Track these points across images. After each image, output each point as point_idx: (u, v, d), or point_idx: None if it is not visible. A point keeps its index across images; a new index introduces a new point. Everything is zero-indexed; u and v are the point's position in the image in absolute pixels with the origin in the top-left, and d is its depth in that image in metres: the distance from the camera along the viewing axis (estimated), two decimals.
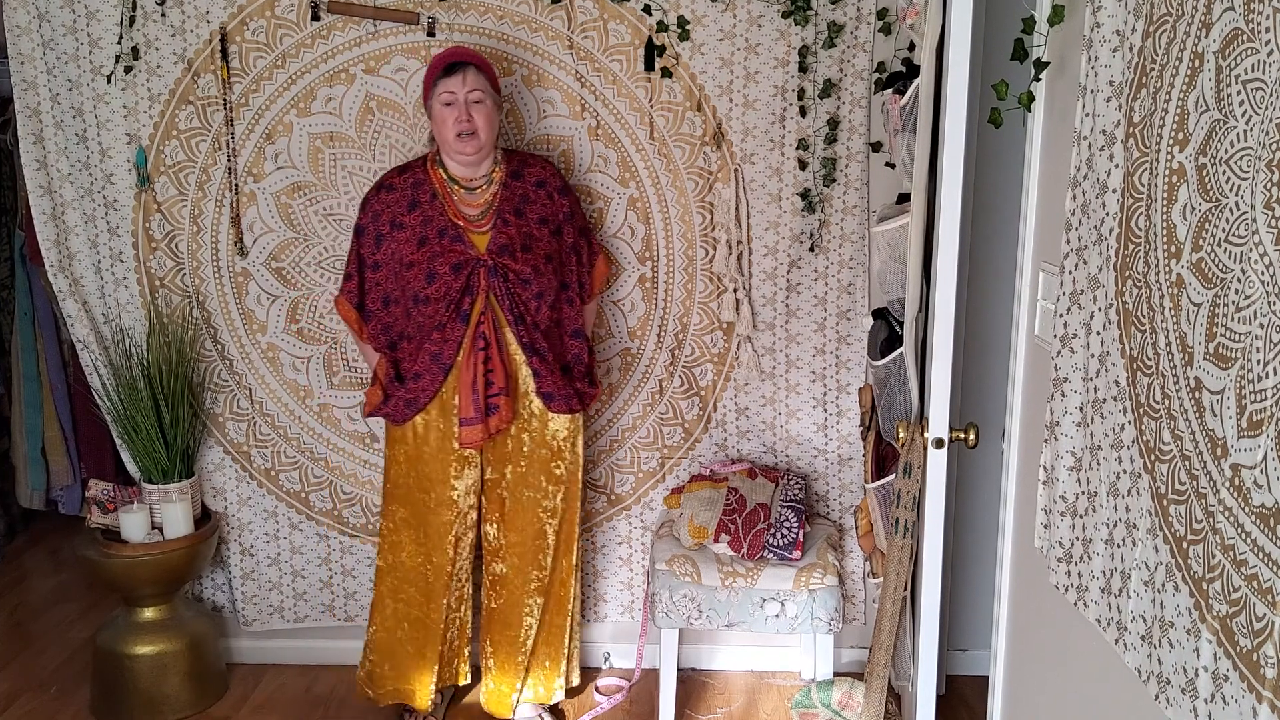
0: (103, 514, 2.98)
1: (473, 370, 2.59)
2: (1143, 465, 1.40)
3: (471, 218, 2.63)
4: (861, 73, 2.85)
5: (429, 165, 2.67)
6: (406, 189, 2.65)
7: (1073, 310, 1.67)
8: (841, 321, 3.01)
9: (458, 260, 2.58)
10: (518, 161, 2.71)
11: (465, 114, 2.54)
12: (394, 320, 2.69)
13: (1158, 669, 1.35)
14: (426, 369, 2.62)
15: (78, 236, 2.99)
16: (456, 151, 2.58)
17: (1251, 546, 1.11)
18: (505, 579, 2.83)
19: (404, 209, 2.64)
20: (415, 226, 2.62)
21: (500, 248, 2.59)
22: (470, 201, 2.64)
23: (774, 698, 3.10)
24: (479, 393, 2.60)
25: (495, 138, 2.63)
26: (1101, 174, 1.55)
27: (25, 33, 2.87)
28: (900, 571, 2.42)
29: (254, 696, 3.12)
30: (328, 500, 3.15)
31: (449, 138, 2.56)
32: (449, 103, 2.54)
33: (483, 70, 2.58)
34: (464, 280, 2.58)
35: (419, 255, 2.60)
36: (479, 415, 2.61)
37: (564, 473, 2.78)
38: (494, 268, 2.58)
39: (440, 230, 2.60)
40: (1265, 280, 1.09)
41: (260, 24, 2.88)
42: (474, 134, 2.55)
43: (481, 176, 2.65)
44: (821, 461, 3.11)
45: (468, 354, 2.60)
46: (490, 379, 2.62)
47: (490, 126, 2.58)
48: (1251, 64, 1.13)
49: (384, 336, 2.72)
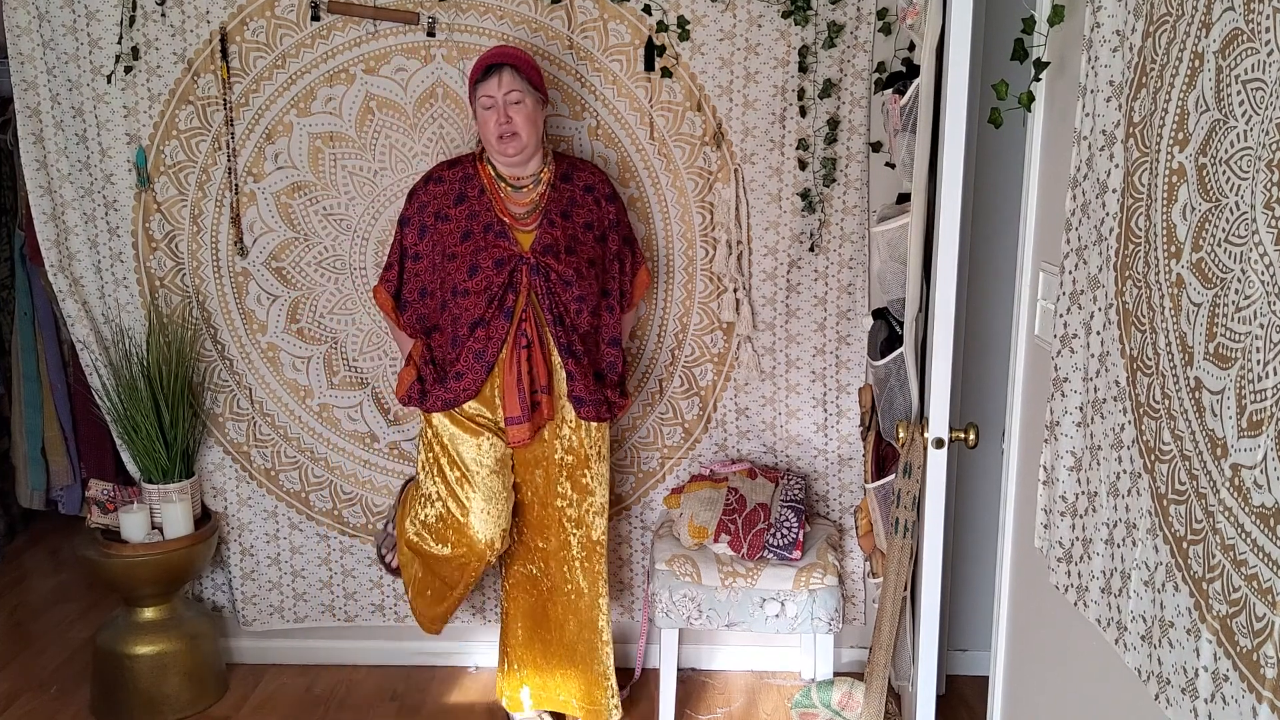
0: (103, 514, 2.98)
1: (516, 369, 2.59)
2: (1143, 465, 1.40)
3: (518, 215, 2.62)
4: (861, 73, 2.85)
5: (478, 161, 2.67)
6: (455, 182, 2.65)
7: (1073, 310, 1.67)
8: (841, 321, 3.01)
9: (501, 256, 2.57)
10: (568, 165, 2.71)
11: (504, 115, 2.53)
12: (429, 312, 2.70)
13: (1158, 669, 1.35)
14: (470, 368, 2.61)
15: (78, 236, 2.99)
16: (499, 152, 2.58)
17: (1251, 546, 1.11)
18: (535, 580, 2.83)
19: (450, 202, 2.64)
20: (461, 220, 2.62)
21: (544, 247, 2.59)
22: (517, 200, 2.63)
23: (774, 698, 3.10)
24: (524, 391, 2.60)
25: (540, 136, 2.62)
26: (1101, 174, 1.55)
27: (25, 33, 2.87)
28: (900, 571, 2.42)
29: (254, 696, 3.12)
30: (328, 500, 3.15)
31: (491, 140, 2.57)
32: (488, 106, 2.54)
33: (521, 70, 2.56)
34: (506, 276, 2.57)
35: (463, 248, 2.60)
36: (525, 413, 2.61)
37: (590, 482, 2.75)
38: (536, 266, 2.58)
39: (486, 225, 2.60)
40: (1265, 280, 1.09)
41: (260, 24, 2.88)
42: (515, 135, 2.55)
43: (529, 176, 2.64)
44: (821, 461, 3.11)
45: (510, 352, 2.60)
46: (533, 376, 2.61)
47: (531, 126, 2.57)
48: (1251, 64, 1.13)
49: (419, 326, 2.72)
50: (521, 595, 2.86)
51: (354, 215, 2.99)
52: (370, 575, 3.19)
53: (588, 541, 2.77)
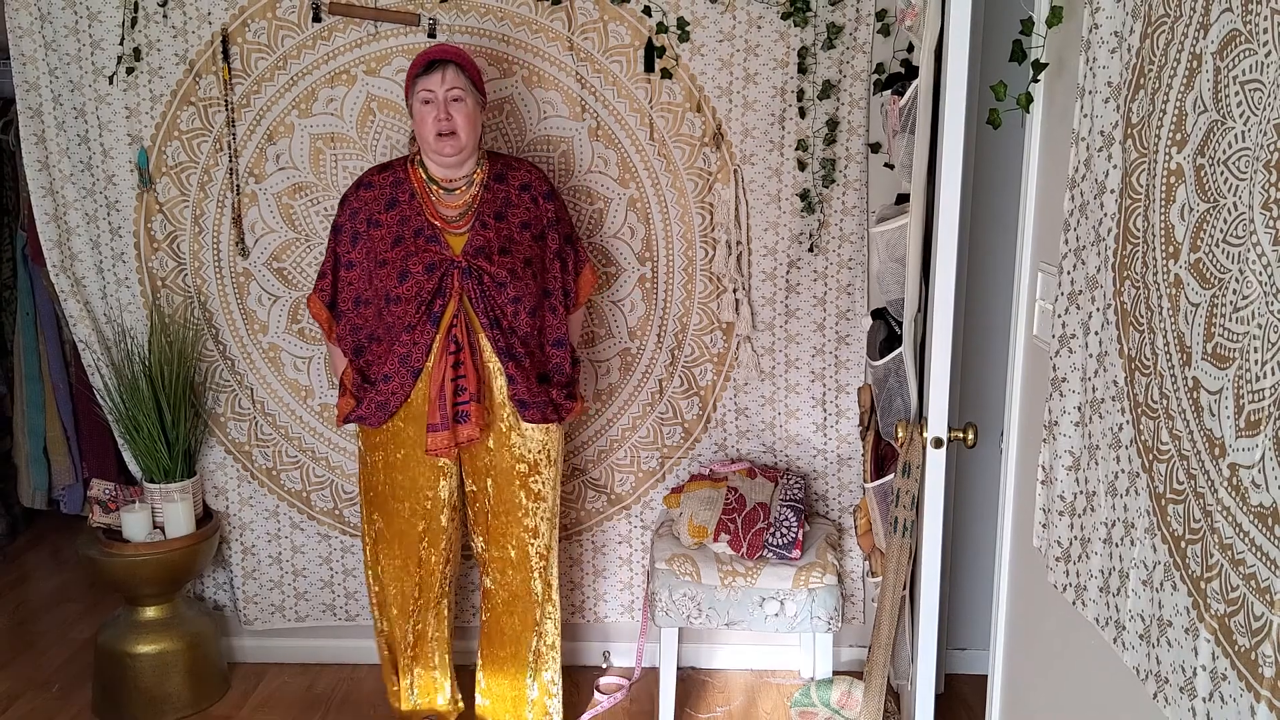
0: (104, 513, 2.98)
1: (441, 374, 2.52)
2: (1141, 465, 1.40)
3: (449, 219, 2.56)
4: (860, 74, 2.86)
5: (410, 164, 2.60)
6: (386, 187, 2.59)
7: (1071, 310, 1.67)
8: (840, 322, 3.02)
9: (431, 260, 2.50)
10: (502, 164, 2.64)
11: (444, 113, 2.47)
12: (364, 321, 2.61)
13: (1156, 668, 1.36)
14: (395, 371, 2.55)
15: (80, 237, 3.00)
16: (435, 152, 2.51)
17: (1249, 546, 1.12)
18: (491, 594, 2.76)
19: (382, 207, 2.57)
20: (392, 225, 2.55)
21: (476, 250, 2.52)
22: (449, 203, 2.56)
23: (773, 696, 3.11)
24: (446, 399, 2.52)
25: (478, 139, 2.56)
26: (1100, 174, 1.56)
27: (27, 34, 2.88)
28: (899, 571, 2.43)
29: (255, 695, 3.12)
30: (329, 500, 3.16)
31: (428, 137, 2.49)
32: (427, 100, 2.48)
33: (464, 68, 2.50)
34: (436, 281, 2.50)
35: (393, 254, 2.53)
36: (445, 422, 2.52)
37: (542, 488, 2.68)
38: (468, 270, 2.51)
39: (416, 230, 2.53)
40: (1263, 280, 1.10)
41: (261, 25, 2.88)
42: (453, 134, 2.48)
43: (462, 178, 2.57)
44: (821, 461, 3.11)
45: (438, 358, 2.53)
46: (461, 384, 2.53)
47: (471, 126, 2.50)
48: (1249, 65, 1.14)
49: (352, 338, 2.63)
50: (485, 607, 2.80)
51: None
52: None
53: (543, 549, 2.72)
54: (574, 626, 3.25)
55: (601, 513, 3.17)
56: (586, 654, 3.27)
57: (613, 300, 3.03)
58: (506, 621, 2.76)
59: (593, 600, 3.23)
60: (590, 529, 3.18)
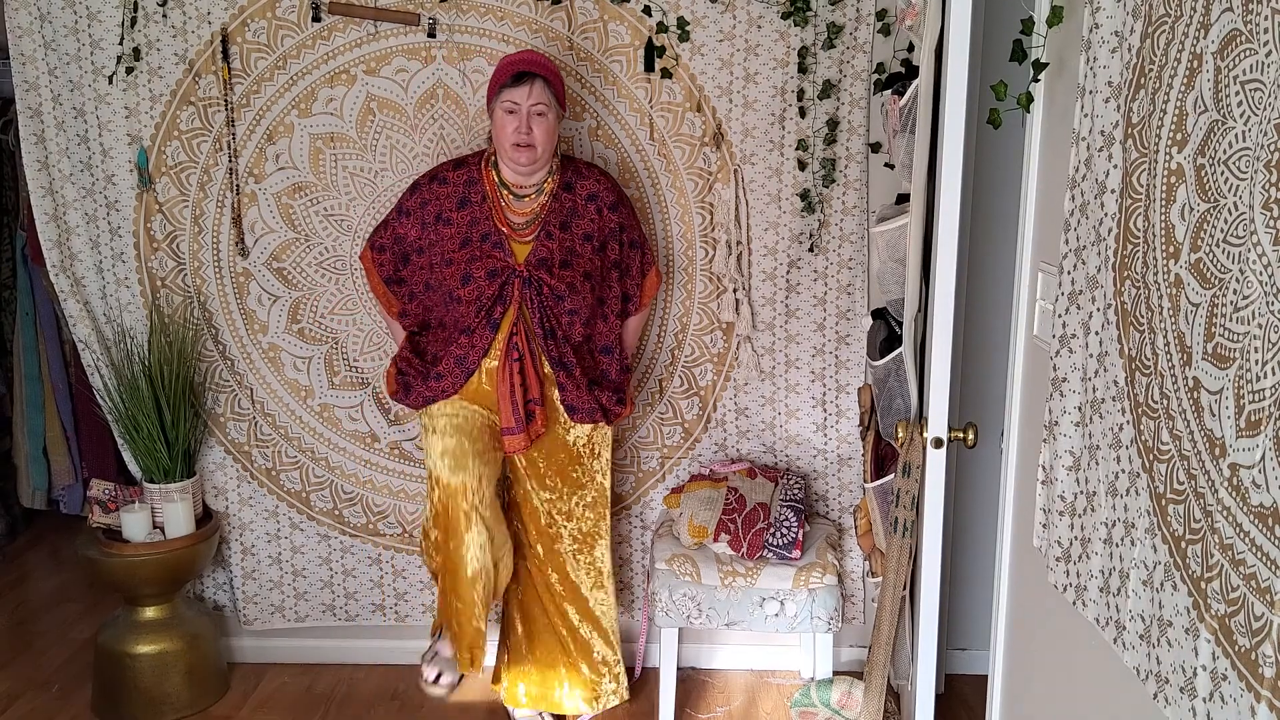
0: (104, 513, 2.98)
1: (509, 381, 2.60)
2: (1141, 465, 1.40)
3: (516, 226, 2.62)
4: (861, 74, 2.86)
5: (484, 165, 2.66)
6: (459, 185, 2.65)
7: (1071, 310, 1.67)
8: (841, 321, 3.02)
9: (494, 267, 2.58)
10: (572, 172, 2.69)
11: (526, 125, 2.52)
12: (434, 304, 2.71)
13: (1156, 668, 1.36)
14: (449, 370, 2.63)
15: (79, 237, 3.00)
16: (511, 160, 2.57)
17: (1250, 546, 1.12)
18: (530, 576, 2.86)
19: (453, 205, 2.64)
20: (462, 226, 2.62)
21: (539, 261, 2.59)
22: (518, 209, 2.63)
23: (774, 696, 3.11)
24: (518, 403, 2.61)
25: (554, 150, 2.62)
26: (1100, 174, 1.56)
27: (27, 34, 2.88)
28: (899, 571, 2.43)
29: (255, 695, 3.12)
30: (328, 500, 3.16)
31: (506, 145, 2.55)
32: (511, 110, 2.52)
33: (550, 83, 2.56)
34: (497, 288, 2.58)
35: (459, 255, 2.60)
36: (520, 425, 2.62)
37: (581, 476, 2.78)
38: (529, 279, 2.58)
39: (484, 234, 2.60)
40: (1263, 280, 1.10)
41: (261, 25, 2.88)
42: (531, 146, 2.54)
43: (533, 185, 2.63)
44: (821, 461, 3.11)
45: (502, 363, 2.61)
46: (525, 388, 2.63)
47: (549, 140, 2.57)
48: (1250, 65, 1.14)
49: (422, 316, 2.74)
50: (524, 591, 2.89)
51: (355, 216, 2.99)
52: (370, 575, 3.20)
53: (579, 534, 2.81)
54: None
55: None
56: None
57: None
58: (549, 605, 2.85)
59: None
60: None
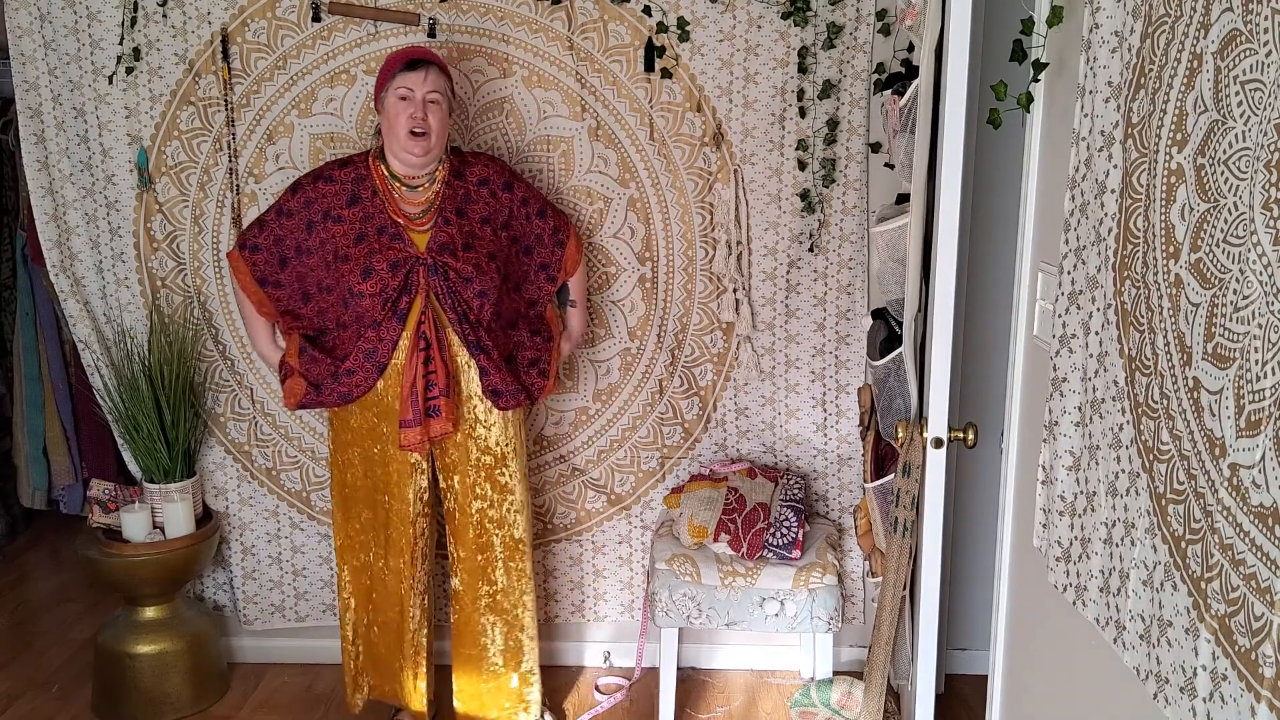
0: (104, 513, 2.98)
1: (413, 371, 2.55)
2: (1141, 465, 1.40)
3: (412, 215, 2.59)
4: (861, 74, 2.86)
5: (371, 160, 2.63)
6: (347, 183, 2.61)
7: (1071, 310, 1.67)
8: (841, 321, 3.02)
9: (396, 258, 2.53)
10: (460, 160, 2.68)
11: (421, 112, 2.50)
12: (329, 306, 2.65)
13: (1156, 668, 1.36)
14: (360, 365, 2.57)
15: (79, 237, 3.00)
16: (404, 150, 2.53)
17: (1250, 546, 1.12)
18: (459, 595, 2.79)
19: (343, 203, 2.60)
20: (354, 222, 2.58)
21: (441, 246, 2.55)
22: (412, 199, 2.60)
23: (774, 696, 3.11)
24: (418, 395, 2.55)
25: (445, 142, 2.60)
26: (1100, 174, 1.56)
27: (27, 34, 2.88)
28: (899, 571, 2.43)
29: (255, 695, 3.12)
30: (328, 500, 3.15)
31: (400, 134, 2.52)
32: (405, 97, 2.50)
33: (444, 73, 2.56)
34: (402, 278, 2.53)
35: (356, 251, 2.55)
36: (418, 418, 2.56)
37: (509, 480, 2.72)
38: (434, 266, 2.54)
39: (380, 228, 2.56)
40: (1263, 280, 1.10)
41: (261, 25, 2.88)
42: (425, 135, 2.51)
43: (424, 175, 2.60)
44: (821, 461, 3.11)
45: (408, 355, 2.56)
46: (431, 380, 2.57)
47: (443, 129, 2.55)
48: (1250, 65, 1.14)
49: (317, 321, 2.68)
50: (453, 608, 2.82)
51: None
52: None
53: (509, 540, 2.74)
54: (575, 626, 3.25)
55: (601, 513, 3.17)
56: (587, 654, 3.27)
57: (613, 300, 3.03)
58: (475, 618, 2.79)
59: (593, 600, 3.23)
60: (590, 529, 3.18)
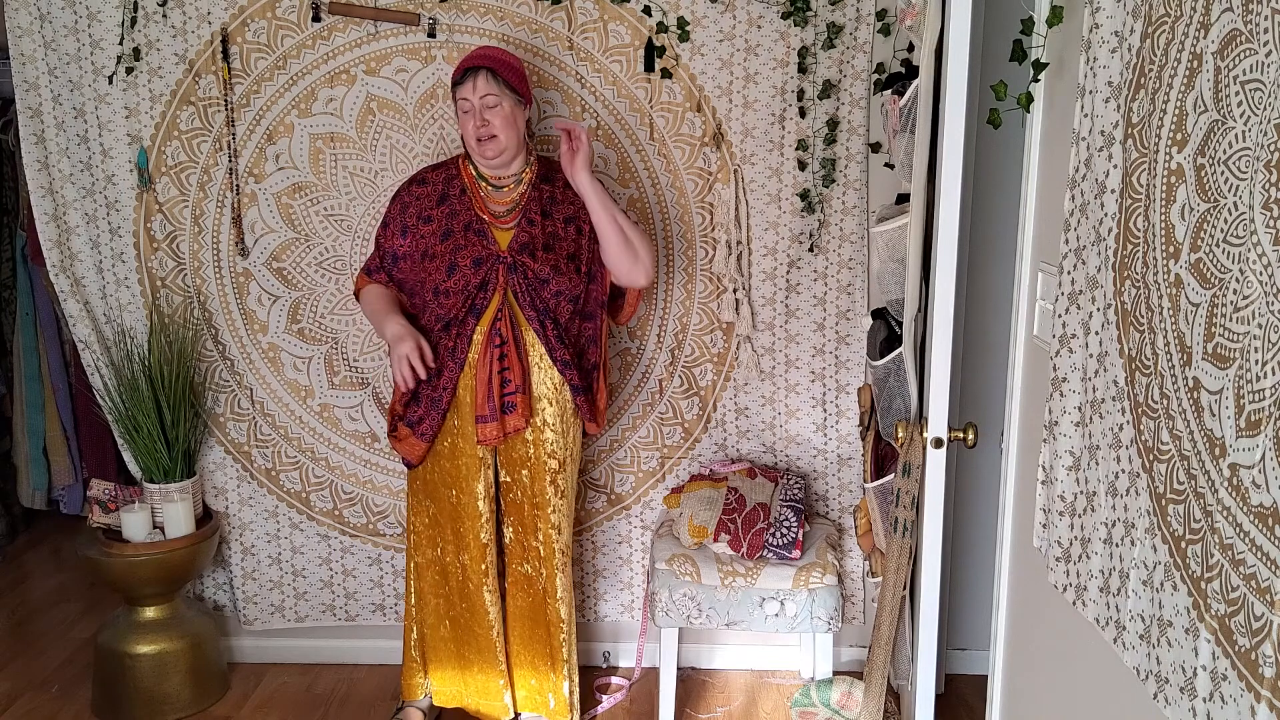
0: (104, 513, 2.98)
1: (489, 367, 2.59)
2: (1141, 465, 1.40)
3: (497, 214, 2.64)
4: (861, 74, 2.86)
5: (461, 162, 2.69)
6: (439, 184, 2.67)
7: (1071, 310, 1.67)
8: (841, 321, 3.02)
9: (478, 255, 2.59)
10: (549, 165, 2.72)
11: (480, 119, 2.54)
12: (416, 313, 2.70)
13: (1156, 668, 1.36)
14: (445, 365, 2.63)
15: (79, 237, 3.00)
16: (479, 155, 2.59)
17: (1250, 546, 1.12)
18: (530, 579, 2.79)
19: (433, 203, 2.65)
20: (442, 219, 2.64)
21: (521, 246, 2.60)
22: (498, 199, 2.64)
23: (774, 696, 3.11)
24: (494, 390, 2.60)
25: (521, 137, 2.61)
26: (1100, 174, 1.56)
27: (27, 34, 2.88)
28: (899, 571, 2.43)
29: (255, 695, 3.12)
30: (328, 500, 3.16)
31: (470, 143, 2.59)
32: (465, 110, 2.56)
33: (498, 73, 2.55)
34: (483, 275, 2.58)
35: (442, 247, 2.61)
36: (494, 413, 2.61)
37: (565, 486, 2.76)
38: (513, 265, 2.59)
39: (465, 224, 2.62)
40: (1263, 280, 1.10)
41: (261, 25, 2.88)
42: (493, 138, 2.55)
43: (510, 175, 2.65)
44: (821, 461, 3.11)
45: (482, 351, 2.60)
46: (506, 377, 2.61)
47: (510, 127, 2.56)
48: (1250, 65, 1.14)
49: None
50: (520, 594, 2.84)
51: (355, 216, 2.99)
52: (370, 575, 3.20)
53: (565, 546, 2.78)
54: (575, 626, 3.24)
55: (601, 513, 3.17)
56: (587, 654, 3.26)
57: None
58: (537, 611, 2.81)
59: (593, 600, 3.23)
60: (590, 529, 3.18)
